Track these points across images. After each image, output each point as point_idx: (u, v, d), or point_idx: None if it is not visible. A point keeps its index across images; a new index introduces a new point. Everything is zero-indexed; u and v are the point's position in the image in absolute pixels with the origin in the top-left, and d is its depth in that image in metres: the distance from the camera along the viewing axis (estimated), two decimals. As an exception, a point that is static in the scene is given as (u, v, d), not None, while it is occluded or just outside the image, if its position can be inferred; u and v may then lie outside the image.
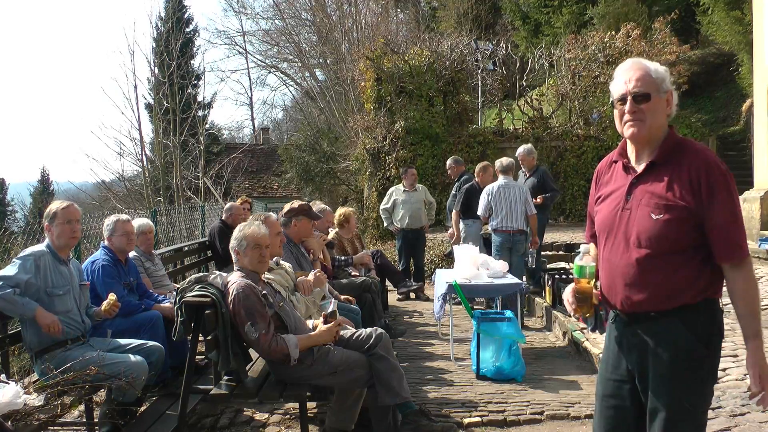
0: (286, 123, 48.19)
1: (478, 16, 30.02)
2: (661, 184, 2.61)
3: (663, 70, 2.70)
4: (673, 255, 2.57)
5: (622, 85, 2.69)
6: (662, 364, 2.61)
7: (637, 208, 2.65)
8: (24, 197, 45.14)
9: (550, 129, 16.96)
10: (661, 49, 16.68)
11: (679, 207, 2.54)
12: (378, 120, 17.16)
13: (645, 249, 2.60)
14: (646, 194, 2.63)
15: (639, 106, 2.63)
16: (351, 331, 4.69)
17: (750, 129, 16.63)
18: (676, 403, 2.58)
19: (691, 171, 2.56)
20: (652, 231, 2.58)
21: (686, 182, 2.55)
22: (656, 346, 2.62)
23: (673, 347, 2.59)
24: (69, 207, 4.66)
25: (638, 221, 2.63)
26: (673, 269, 2.57)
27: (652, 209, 2.59)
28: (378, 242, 16.00)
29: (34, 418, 3.59)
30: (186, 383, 4.25)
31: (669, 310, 2.60)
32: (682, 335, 2.58)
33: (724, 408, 4.64)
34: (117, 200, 24.80)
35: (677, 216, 2.54)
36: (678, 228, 2.54)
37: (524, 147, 9.37)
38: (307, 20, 34.19)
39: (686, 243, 2.56)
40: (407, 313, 9.43)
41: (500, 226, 8.33)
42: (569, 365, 6.57)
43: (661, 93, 2.65)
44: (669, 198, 2.57)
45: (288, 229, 6.14)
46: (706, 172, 2.54)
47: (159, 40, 26.60)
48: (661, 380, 2.61)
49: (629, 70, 2.70)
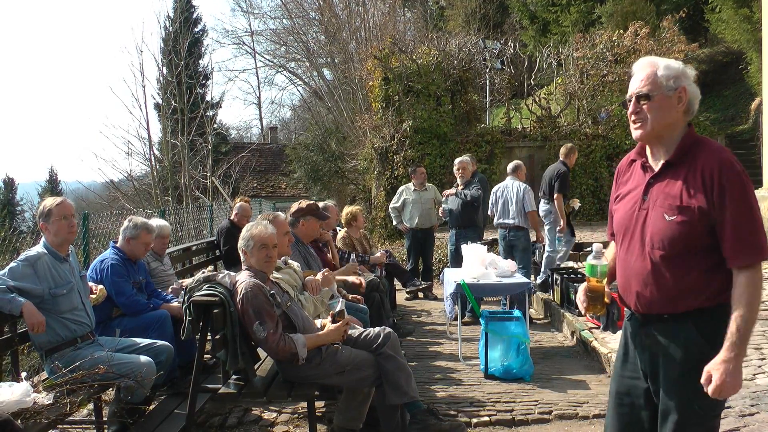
0: (294, 122, 48.24)
1: (485, 15, 30.01)
2: (676, 184, 2.59)
3: (677, 66, 2.65)
4: (685, 257, 2.55)
5: (631, 85, 2.69)
6: (673, 367, 2.60)
7: (652, 208, 2.64)
8: (33, 197, 45.32)
9: (558, 128, 16.92)
10: (670, 47, 16.60)
11: (692, 208, 2.51)
12: (386, 119, 17.15)
13: (658, 250, 2.59)
14: (661, 195, 2.62)
15: (640, 106, 2.63)
16: (359, 330, 4.70)
17: (759, 127, 16.59)
18: (686, 406, 2.57)
19: (704, 171, 2.52)
20: (665, 233, 2.56)
21: (699, 183, 2.52)
22: (668, 349, 2.62)
23: (685, 351, 2.57)
24: (63, 203, 4.57)
25: (652, 222, 2.62)
26: (686, 271, 2.55)
27: (666, 210, 2.58)
28: (386, 241, 15.99)
29: (44, 416, 3.60)
30: (194, 382, 4.27)
31: (682, 313, 2.58)
32: (694, 339, 2.56)
33: (733, 408, 4.62)
34: (125, 200, 24.87)
35: (690, 218, 2.51)
36: (690, 230, 2.51)
37: (459, 158, 9.44)
38: (315, 19, 34.17)
39: (699, 245, 2.53)
40: (415, 312, 9.43)
41: (498, 222, 9.02)
42: (577, 365, 6.56)
43: (667, 90, 2.60)
44: (682, 199, 2.54)
45: (296, 229, 6.14)
46: (719, 171, 2.49)
47: (167, 40, 26.70)
48: (672, 383, 2.60)
49: (638, 70, 2.68)
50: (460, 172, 9.21)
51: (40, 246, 4.52)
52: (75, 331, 4.48)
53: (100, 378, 4.16)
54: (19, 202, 48.20)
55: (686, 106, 2.64)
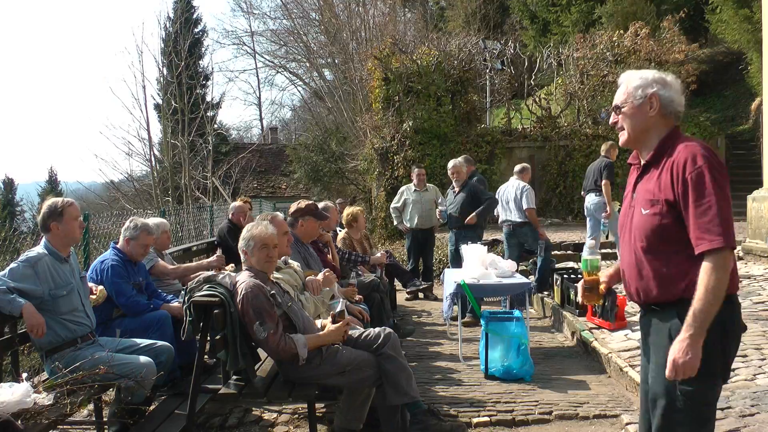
0: (294, 123, 48.24)
1: (486, 16, 30.00)
2: (652, 181, 2.78)
3: (649, 75, 2.86)
4: (663, 249, 2.71)
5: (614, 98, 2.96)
6: (658, 353, 2.75)
7: (636, 205, 2.84)
8: (33, 197, 45.37)
9: (558, 128, 16.92)
10: (670, 48, 16.61)
11: (661, 201, 2.69)
12: (386, 120, 17.16)
13: (639, 242, 2.78)
14: (642, 192, 2.83)
15: (618, 116, 2.91)
16: (359, 330, 4.70)
17: (759, 128, 16.58)
18: (671, 392, 2.69)
19: (673, 166, 2.68)
20: (643, 225, 2.76)
21: (668, 177, 2.69)
22: (656, 337, 2.80)
23: (669, 339, 2.69)
24: (74, 204, 4.58)
25: (635, 217, 2.83)
26: (664, 263, 2.72)
27: (643, 205, 2.77)
28: (386, 242, 15.99)
29: (44, 417, 3.60)
30: (195, 383, 4.27)
31: (667, 302, 2.73)
32: (677, 328, 2.65)
33: (734, 408, 4.61)
34: (126, 200, 24.87)
35: (659, 210, 2.69)
36: (661, 221, 2.69)
37: (451, 161, 9.45)
38: (315, 20, 34.23)
39: (674, 237, 2.67)
40: (416, 312, 9.43)
41: (502, 220, 9.54)
42: (578, 365, 6.56)
43: (636, 99, 2.83)
44: (654, 193, 2.73)
45: (295, 229, 6.14)
46: (683, 164, 2.64)
47: (167, 41, 26.69)
48: (658, 369, 2.74)
49: (620, 83, 2.94)
50: (455, 176, 9.21)
51: (41, 247, 4.50)
52: (75, 332, 4.48)
53: (100, 378, 4.16)
54: (19, 203, 48.25)
55: (660, 110, 2.82)
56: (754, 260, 10.26)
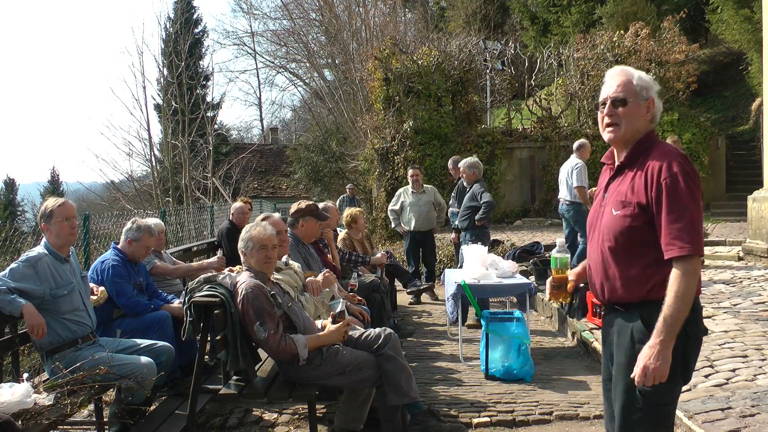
0: (294, 123, 48.28)
1: (486, 16, 30.02)
2: (625, 183, 2.79)
3: (649, 78, 2.86)
4: (629, 250, 2.74)
5: (605, 90, 2.88)
6: (619, 353, 2.80)
7: (607, 205, 2.86)
8: (34, 197, 45.46)
9: (558, 128, 16.94)
10: (670, 48, 16.62)
11: (633, 204, 2.71)
12: (386, 120, 17.17)
13: (606, 242, 2.80)
14: (614, 192, 2.84)
15: (615, 110, 2.82)
16: (360, 331, 4.70)
17: (760, 128, 16.57)
18: (630, 392, 2.72)
19: (648, 170, 2.70)
20: (612, 226, 2.77)
21: (642, 181, 2.71)
22: (619, 337, 2.82)
23: (630, 340, 2.74)
24: (64, 204, 4.54)
25: (605, 217, 2.84)
26: (629, 264, 2.74)
27: (614, 206, 2.79)
28: (387, 242, 15.99)
29: (44, 417, 3.60)
30: (195, 383, 4.26)
31: (631, 303, 2.76)
32: (639, 329, 2.71)
33: (734, 408, 4.61)
34: (126, 200, 24.88)
35: (631, 212, 2.71)
36: (631, 223, 2.70)
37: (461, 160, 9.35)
38: (315, 20, 34.25)
39: (641, 239, 2.70)
40: (416, 313, 9.42)
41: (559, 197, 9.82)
42: (578, 365, 6.56)
43: (641, 99, 2.81)
44: (627, 195, 2.74)
45: (295, 230, 6.14)
46: (659, 170, 2.66)
47: (168, 41, 26.73)
48: (618, 369, 2.80)
49: (614, 76, 2.89)
50: (464, 175, 9.02)
51: (41, 247, 4.50)
52: (76, 332, 4.48)
53: (100, 379, 4.16)
54: (21, 203, 48.28)
55: (652, 116, 2.85)
56: (754, 260, 10.25)
